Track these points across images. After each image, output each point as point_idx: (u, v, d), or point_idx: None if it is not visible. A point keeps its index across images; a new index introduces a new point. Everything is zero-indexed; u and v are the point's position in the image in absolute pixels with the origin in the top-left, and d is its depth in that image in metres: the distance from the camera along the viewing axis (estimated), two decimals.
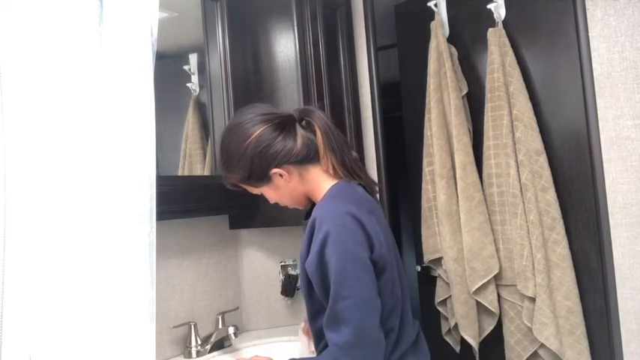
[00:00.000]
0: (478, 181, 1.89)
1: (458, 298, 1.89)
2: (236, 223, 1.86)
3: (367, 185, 1.19)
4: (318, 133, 1.12)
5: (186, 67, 1.74)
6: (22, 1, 0.83)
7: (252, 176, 1.14)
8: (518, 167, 1.76)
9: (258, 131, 1.10)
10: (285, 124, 1.12)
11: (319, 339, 1.15)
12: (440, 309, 2.04)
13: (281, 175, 1.13)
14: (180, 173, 1.68)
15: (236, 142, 1.12)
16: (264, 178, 1.14)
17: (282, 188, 1.16)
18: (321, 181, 1.15)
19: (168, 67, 1.63)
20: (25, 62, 0.83)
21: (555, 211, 1.72)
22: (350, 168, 1.16)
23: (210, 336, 1.64)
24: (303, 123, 1.15)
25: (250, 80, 1.79)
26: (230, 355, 1.66)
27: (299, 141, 1.12)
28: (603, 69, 1.66)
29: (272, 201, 1.21)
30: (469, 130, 1.95)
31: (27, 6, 0.83)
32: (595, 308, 1.70)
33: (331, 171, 1.14)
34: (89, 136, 0.87)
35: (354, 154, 1.19)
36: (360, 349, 1.02)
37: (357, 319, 1.01)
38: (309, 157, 1.13)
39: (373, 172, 2.07)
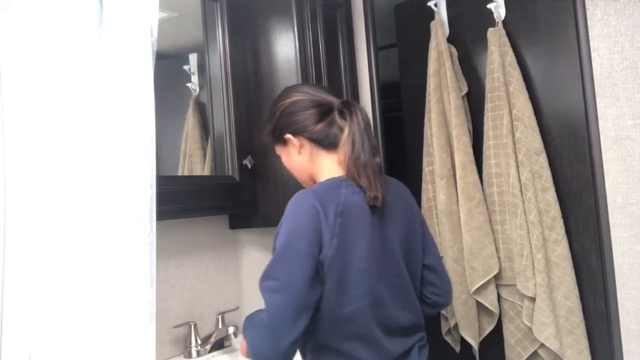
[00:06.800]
0: (478, 181, 1.89)
1: (458, 298, 1.89)
2: (236, 223, 1.85)
3: (367, 194, 1.15)
4: (347, 128, 1.18)
5: (186, 67, 1.74)
6: (23, 2, 0.83)
7: (275, 132, 1.26)
8: (518, 167, 1.76)
9: (294, 98, 1.23)
10: (320, 106, 1.21)
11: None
12: None
13: (294, 144, 1.22)
14: (180, 173, 1.67)
15: (278, 99, 1.27)
16: (280, 138, 1.25)
17: (292, 157, 1.26)
18: (325, 168, 1.21)
19: (168, 67, 1.63)
20: (26, 62, 0.83)
21: (555, 211, 1.72)
22: (360, 167, 1.15)
23: (210, 336, 1.64)
24: (342, 114, 1.21)
25: (250, 80, 1.79)
26: (230, 355, 1.66)
27: (321, 125, 1.19)
28: (603, 69, 1.66)
29: (285, 165, 1.31)
30: (469, 130, 1.95)
31: (28, 7, 0.83)
32: (595, 308, 1.70)
33: (342, 164, 1.19)
34: (89, 136, 0.87)
35: (378, 160, 1.19)
36: (263, 341, 1.06)
37: (273, 305, 1.06)
38: (324, 142, 1.20)
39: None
